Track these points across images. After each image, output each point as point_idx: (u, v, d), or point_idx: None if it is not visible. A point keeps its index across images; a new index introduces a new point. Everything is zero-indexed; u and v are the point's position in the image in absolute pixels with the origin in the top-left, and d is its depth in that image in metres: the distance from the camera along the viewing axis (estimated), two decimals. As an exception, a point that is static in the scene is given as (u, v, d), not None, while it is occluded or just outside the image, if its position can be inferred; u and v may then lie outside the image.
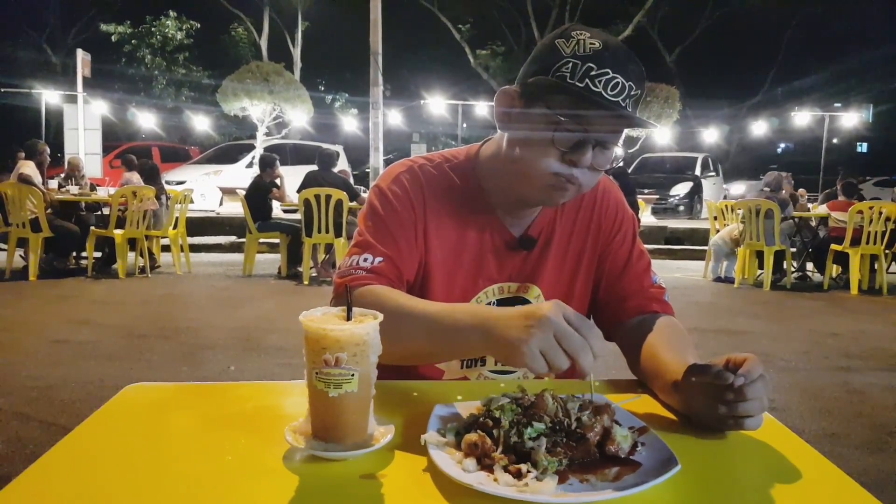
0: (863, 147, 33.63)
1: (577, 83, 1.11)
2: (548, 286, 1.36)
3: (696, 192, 16.12)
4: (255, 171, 8.96)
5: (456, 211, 1.31)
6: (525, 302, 1.35)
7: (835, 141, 27.04)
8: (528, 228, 1.34)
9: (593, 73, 1.11)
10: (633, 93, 1.14)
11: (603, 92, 1.11)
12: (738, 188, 18.91)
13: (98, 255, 7.86)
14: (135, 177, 8.33)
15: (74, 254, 8.19)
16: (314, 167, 7.94)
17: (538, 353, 0.92)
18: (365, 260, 1.23)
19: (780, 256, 7.91)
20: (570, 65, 1.12)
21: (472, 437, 0.86)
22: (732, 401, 0.95)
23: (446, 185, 1.32)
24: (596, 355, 0.92)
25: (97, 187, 9.07)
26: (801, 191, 9.31)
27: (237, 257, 9.03)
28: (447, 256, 1.31)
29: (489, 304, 1.34)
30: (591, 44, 1.12)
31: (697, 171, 16.99)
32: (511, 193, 1.29)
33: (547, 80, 1.14)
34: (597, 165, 1.18)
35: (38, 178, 7.47)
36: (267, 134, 15.28)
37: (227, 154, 16.34)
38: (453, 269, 1.32)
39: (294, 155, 15.28)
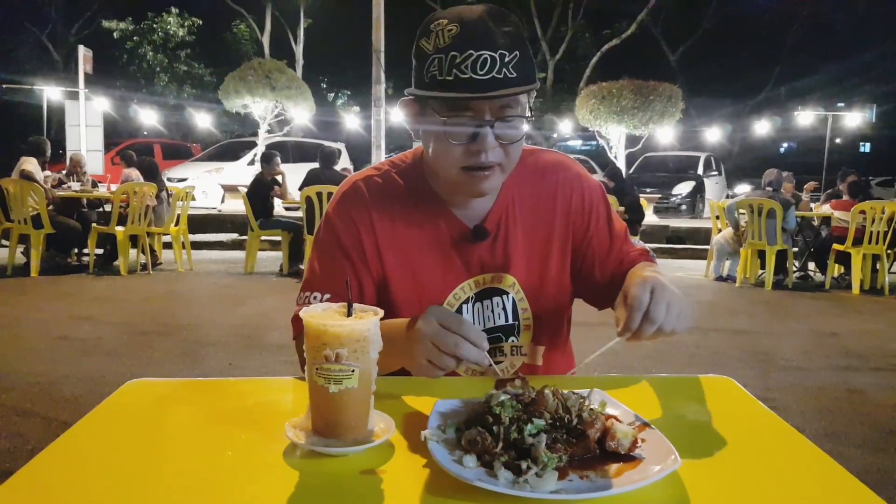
0: (866, 147, 33.57)
1: (447, 77, 1.12)
2: (522, 273, 1.36)
3: (699, 191, 16.08)
4: (257, 168, 8.97)
5: (408, 215, 1.32)
6: (501, 292, 1.36)
7: (838, 141, 26.99)
8: (485, 220, 1.33)
9: (458, 60, 1.11)
10: (508, 59, 1.12)
11: (473, 75, 1.11)
12: (743, 188, 18.85)
13: (99, 251, 7.86)
14: (134, 173, 8.33)
15: (76, 250, 8.20)
16: (316, 165, 7.94)
17: (425, 364, 1.04)
18: (314, 298, 1.30)
19: (781, 256, 7.90)
20: (437, 61, 1.13)
21: (471, 433, 0.86)
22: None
23: (394, 192, 1.33)
24: (476, 344, 1.01)
25: (99, 184, 9.07)
26: (792, 184, 9.31)
27: (239, 255, 9.03)
28: (408, 261, 1.32)
29: (468, 299, 1.35)
30: (449, 30, 1.13)
31: (700, 171, 16.95)
32: (453, 192, 1.30)
33: (421, 88, 1.17)
34: (505, 140, 1.18)
35: (39, 175, 7.48)
36: (269, 131, 15.26)
37: (228, 151, 16.34)
38: (418, 272, 1.32)
39: (296, 153, 15.27)
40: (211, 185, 14.10)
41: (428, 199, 1.33)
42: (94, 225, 7.73)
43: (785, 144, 32.46)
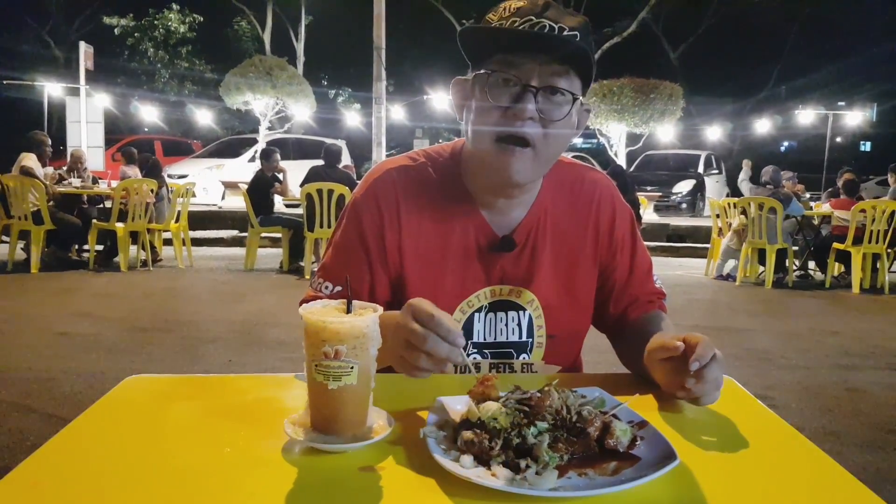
0: (866, 146, 33.54)
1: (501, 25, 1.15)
2: (543, 291, 1.32)
3: (699, 189, 16.08)
4: (258, 165, 8.98)
5: (437, 213, 1.28)
6: (518, 307, 1.32)
7: (838, 139, 26.95)
8: (514, 231, 1.30)
9: (518, 23, 1.13)
10: (566, 33, 1.13)
11: (528, 29, 1.12)
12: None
13: (100, 248, 7.86)
14: (131, 171, 8.32)
15: (76, 247, 8.20)
16: (317, 162, 7.94)
17: (400, 360, 0.98)
18: (326, 287, 1.28)
19: (781, 254, 7.89)
20: (496, 25, 1.16)
21: (468, 434, 0.85)
22: (692, 385, 1.00)
23: (426, 187, 1.29)
24: (446, 339, 0.93)
25: (99, 180, 9.07)
26: (800, 186, 9.35)
27: (239, 251, 9.02)
28: (429, 260, 1.28)
29: (481, 307, 1.31)
30: (516, 6, 1.15)
31: (700, 169, 16.94)
32: (486, 185, 1.26)
33: (474, 35, 1.18)
34: (545, 115, 1.15)
35: (40, 171, 7.48)
36: (269, 128, 15.26)
37: (229, 148, 16.35)
38: (437, 273, 1.28)
39: (296, 150, 15.27)
40: (211, 182, 14.11)
41: (461, 198, 1.29)
42: (94, 221, 7.73)
43: (785, 143, 32.42)
